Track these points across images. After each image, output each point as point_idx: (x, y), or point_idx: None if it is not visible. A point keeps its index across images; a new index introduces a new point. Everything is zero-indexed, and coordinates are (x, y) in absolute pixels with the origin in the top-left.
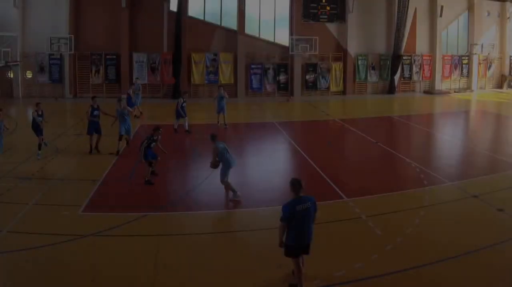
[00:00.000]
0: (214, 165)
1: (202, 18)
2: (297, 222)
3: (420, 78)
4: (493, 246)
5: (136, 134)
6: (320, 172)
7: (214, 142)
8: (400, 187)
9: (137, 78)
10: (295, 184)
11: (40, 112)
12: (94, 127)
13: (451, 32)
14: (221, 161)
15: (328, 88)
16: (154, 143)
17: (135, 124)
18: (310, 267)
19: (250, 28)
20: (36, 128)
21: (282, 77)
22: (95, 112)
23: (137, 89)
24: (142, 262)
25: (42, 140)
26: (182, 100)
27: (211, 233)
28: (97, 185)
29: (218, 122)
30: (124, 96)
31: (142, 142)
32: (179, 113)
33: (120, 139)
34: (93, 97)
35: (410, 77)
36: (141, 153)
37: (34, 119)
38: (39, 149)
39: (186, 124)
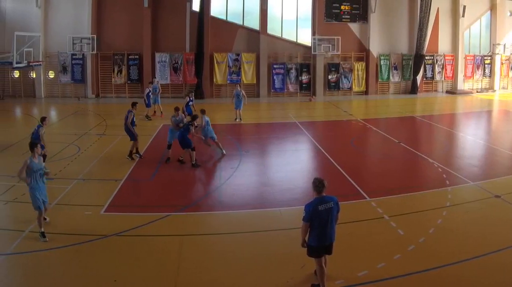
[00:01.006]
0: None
1: (224, 18)
2: (319, 222)
3: (442, 78)
4: None
5: (159, 134)
6: (342, 171)
7: (203, 115)
8: (422, 187)
9: (154, 78)
10: (318, 184)
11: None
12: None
13: (474, 32)
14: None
15: (350, 88)
16: (191, 127)
17: (155, 123)
18: (333, 267)
19: (273, 28)
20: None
21: (304, 77)
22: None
23: (155, 90)
24: (164, 262)
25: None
26: (188, 99)
27: (233, 233)
28: (119, 185)
29: (235, 119)
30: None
31: (180, 128)
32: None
33: (168, 147)
34: (133, 104)
35: (432, 77)
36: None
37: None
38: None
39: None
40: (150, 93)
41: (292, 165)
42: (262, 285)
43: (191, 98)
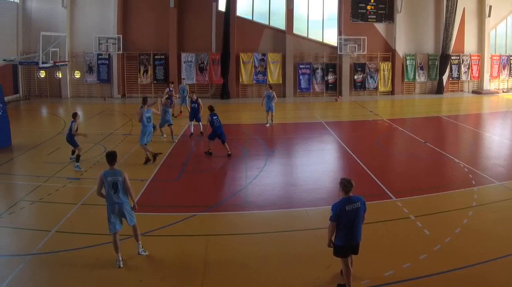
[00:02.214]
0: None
1: (250, 18)
2: (346, 222)
3: (469, 78)
4: None
5: (184, 134)
6: (368, 171)
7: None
8: (448, 187)
9: (183, 79)
10: (347, 184)
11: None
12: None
13: (500, 31)
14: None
15: (376, 88)
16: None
17: (182, 123)
18: (359, 267)
19: (299, 28)
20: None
21: (330, 77)
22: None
23: (183, 91)
24: (190, 262)
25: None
26: (191, 100)
27: (259, 233)
28: (145, 185)
29: (267, 122)
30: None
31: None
32: (193, 114)
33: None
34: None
35: (459, 77)
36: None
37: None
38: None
39: (201, 125)
40: (170, 92)
41: (318, 165)
42: (288, 285)
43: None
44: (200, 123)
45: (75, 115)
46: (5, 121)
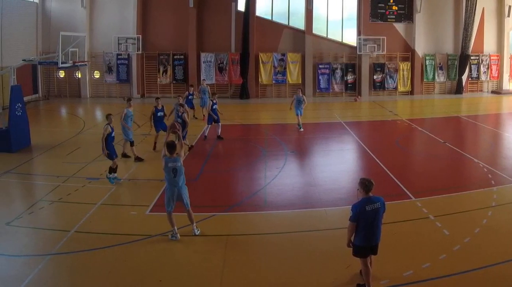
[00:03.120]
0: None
1: (269, 18)
2: (366, 223)
3: (488, 78)
4: None
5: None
6: (387, 171)
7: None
8: (467, 187)
9: (203, 79)
10: (368, 184)
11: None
12: (161, 126)
13: None
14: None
15: (395, 88)
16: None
17: (201, 124)
18: (378, 267)
19: (318, 28)
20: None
21: (349, 77)
22: (159, 113)
23: (204, 93)
24: (209, 262)
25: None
26: (212, 102)
27: (278, 233)
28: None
29: (300, 126)
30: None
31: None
32: (211, 118)
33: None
34: (156, 98)
35: (478, 77)
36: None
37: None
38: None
39: (219, 129)
40: (190, 96)
41: (337, 165)
42: (307, 285)
43: (215, 102)
44: (220, 124)
45: (107, 116)
46: (24, 121)
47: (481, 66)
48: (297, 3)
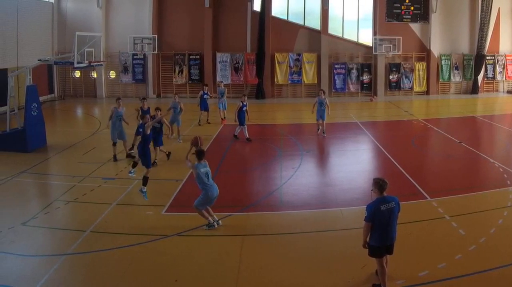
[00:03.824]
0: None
1: (285, 18)
2: (381, 223)
3: (504, 78)
4: None
5: (220, 134)
6: (403, 171)
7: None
8: (483, 187)
9: (221, 81)
10: (382, 183)
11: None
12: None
13: None
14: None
15: (411, 88)
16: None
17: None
18: (394, 267)
19: (334, 28)
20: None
21: (365, 77)
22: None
23: (221, 94)
24: (225, 262)
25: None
26: (241, 104)
27: (294, 233)
28: (180, 184)
29: (318, 129)
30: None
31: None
32: (242, 117)
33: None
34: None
35: (493, 77)
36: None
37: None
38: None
39: (246, 132)
40: (205, 95)
41: (353, 165)
42: (323, 285)
43: (245, 103)
44: (245, 127)
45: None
46: (40, 122)
47: (497, 66)
48: (313, 3)
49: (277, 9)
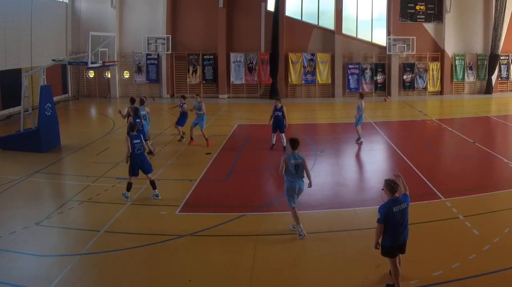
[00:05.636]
0: None
1: (299, 18)
2: (393, 224)
3: None
4: None
5: (233, 134)
6: (417, 171)
7: None
8: (497, 187)
9: (197, 94)
10: (393, 185)
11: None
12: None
13: None
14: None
15: (425, 88)
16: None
17: (230, 123)
18: (408, 267)
19: (348, 28)
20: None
21: (379, 77)
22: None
23: (196, 108)
24: (239, 262)
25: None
26: (274, 108)
27: (308, 233)
28: (194, 184)
29: (359, 139)
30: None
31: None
32: (275, 124)
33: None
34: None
35: (507, 77)
36: None
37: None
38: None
39: (284, 138)
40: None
41: (367, 165)
42: (337, 284)
43: (279, 108)
44: (284, 135)
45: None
46: (54, 121)
47: (511, 66)
48: (326, 3)
49: (291, 9)
